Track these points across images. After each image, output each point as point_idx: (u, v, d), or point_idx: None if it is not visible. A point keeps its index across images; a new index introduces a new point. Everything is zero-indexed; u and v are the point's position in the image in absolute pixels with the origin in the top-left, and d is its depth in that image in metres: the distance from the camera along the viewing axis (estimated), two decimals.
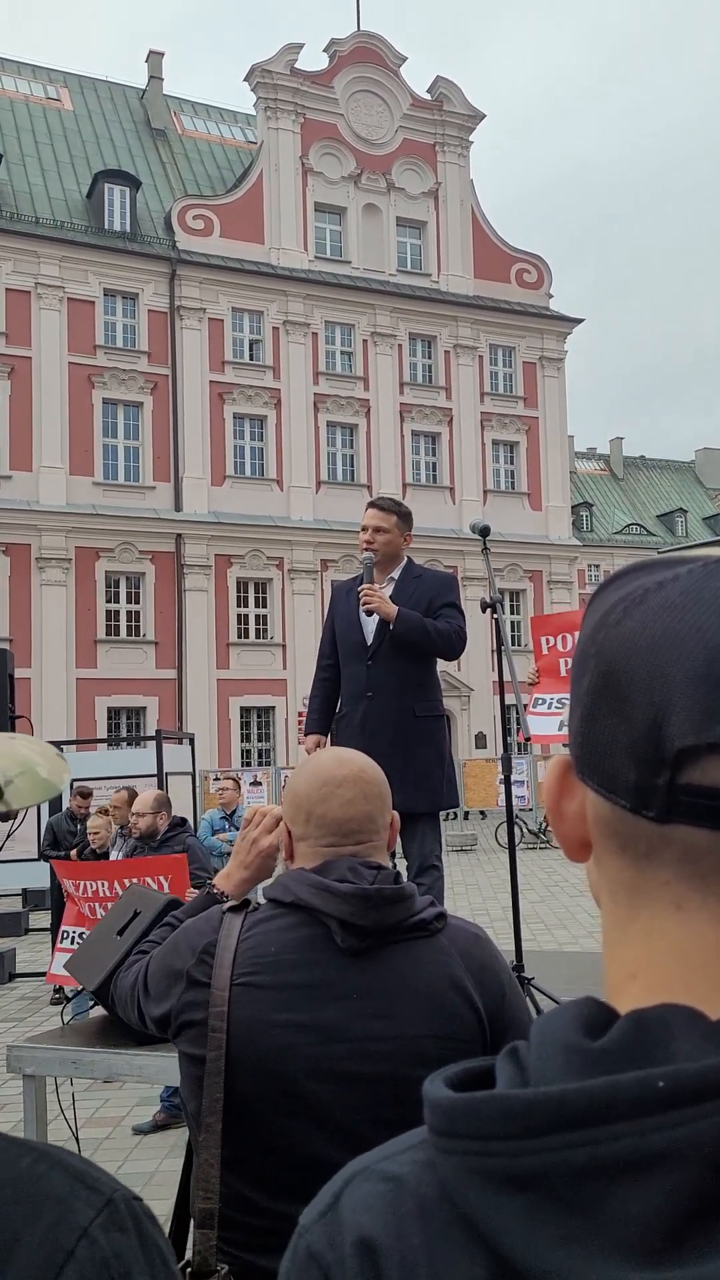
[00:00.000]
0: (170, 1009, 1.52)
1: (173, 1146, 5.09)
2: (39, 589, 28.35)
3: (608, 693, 0.52)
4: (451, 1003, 1.45)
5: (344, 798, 1.53)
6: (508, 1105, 0.48)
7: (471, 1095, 0.50)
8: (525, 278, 36.27)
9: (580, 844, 0.57)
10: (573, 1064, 0.49)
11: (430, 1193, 0.51)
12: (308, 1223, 0.55)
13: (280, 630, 31.16)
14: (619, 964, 0.54)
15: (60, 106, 34.39)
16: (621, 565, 0.58)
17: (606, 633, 0.54)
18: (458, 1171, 0.49)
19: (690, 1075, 0.46)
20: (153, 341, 30.63)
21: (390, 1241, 0.51)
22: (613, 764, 0.52)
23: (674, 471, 59.71)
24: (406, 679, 3.93)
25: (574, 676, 0.57)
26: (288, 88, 33.09)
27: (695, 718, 0.49)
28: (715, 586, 0.51)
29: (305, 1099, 1.39)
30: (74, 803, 9.05)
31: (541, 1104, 0.47)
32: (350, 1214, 0.53)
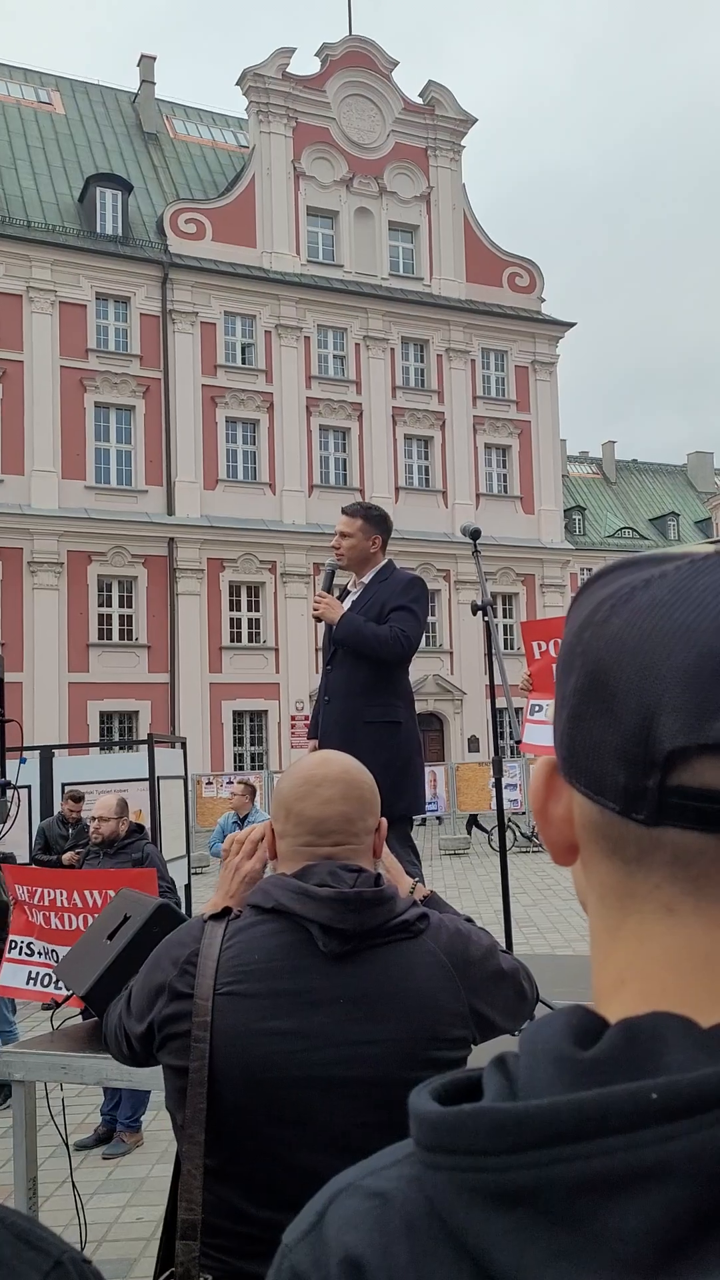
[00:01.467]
0: (153, 1020, 1.50)
1: (163, 1153, 5.07)
2: (31, 593, 28.29)
3: (595, 693, 0.51)
4: (438, 1002, 1.44)
5: (322, 797, 1.54)
6: (496, 1119, 0.46)
7: (459, 1109, 0.48)
8: (517, 282, 36.35)
9: (567, 847, 0.56)
10: (563, 1075, 0.48)
11: (417, 1209, 0.49)
12: (291, 1241, 0.54)
13: (273, 634, 31.14)
14: (608, 970, 0.53)
15: (52, 110, 34.37)
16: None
17: (593, 631, 0.53)
18: (445, 1187, 0.48)
19: (684, 1086, 0.44)
20: (145, 345, 30.62)
21: (377, 1260, 0.49)
22: (601, 766, 0.51)
23: (666, 475, 59.84)
24: (359, 685, 3.89)
25: (559, 676, 0.55)
26: (280, 92, 33.12)
27: (686, 718, 0.48)
28: (703, 583, 0.50)
29: (293, 1106, 1.38)
30: (65, 807, 9.03)
31: (532, 1117, 0.46)
32: (335, 1232, 0.51)
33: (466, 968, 1.49)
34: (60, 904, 4.20)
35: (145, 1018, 1.52)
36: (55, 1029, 3.23)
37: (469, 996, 1.47)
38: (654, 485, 58.26)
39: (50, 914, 4.19)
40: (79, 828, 8.76)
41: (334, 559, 4.01)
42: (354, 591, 4.04)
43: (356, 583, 4.08)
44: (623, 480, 57.34)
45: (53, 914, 4.18)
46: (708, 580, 0.51)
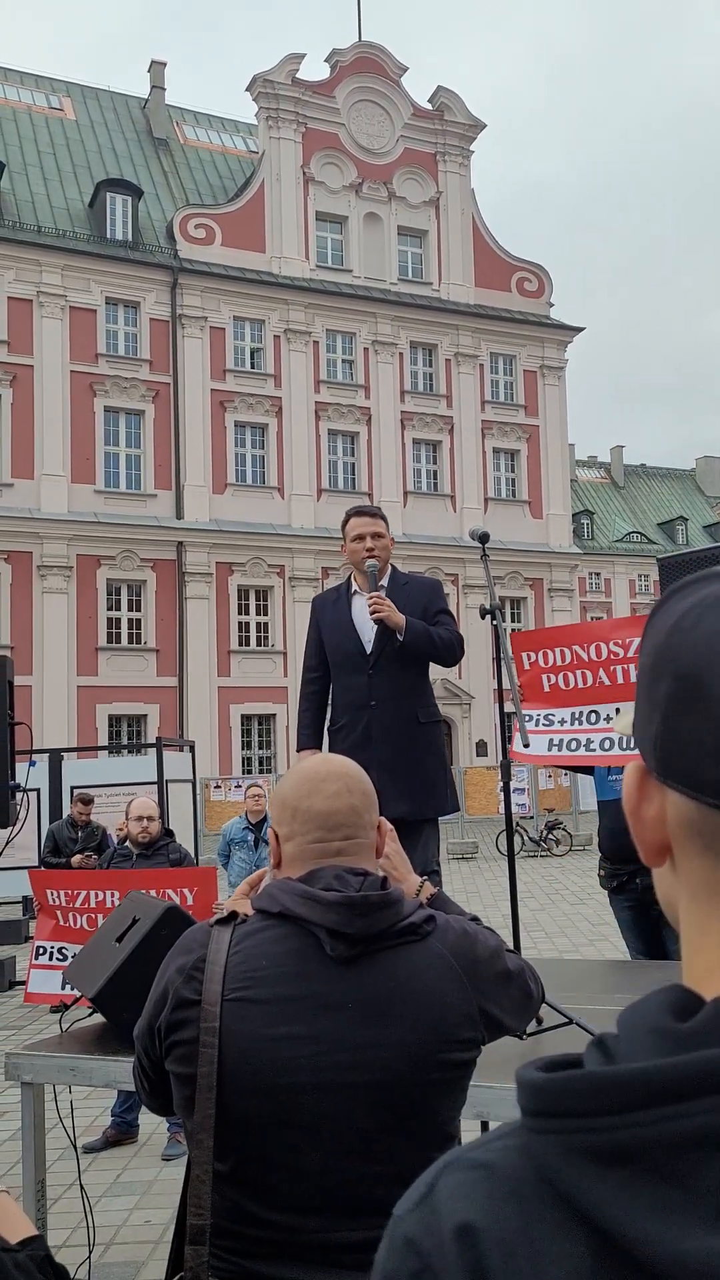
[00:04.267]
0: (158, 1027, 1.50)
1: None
2: (40, 597, 28.37)
3: (689, 695, 0.53)
4: (446, 1004, 1.45)
5: (329, 791, 1.54)
6: (599, 1082, 0.49)
7: (565, 1074, 0.50)
8: (526, 286, 36.35)
9: (660, 848, 0.57)
10: (661, 1045, 0.50)
11: (525, 1175, 0.51)
12: (402, 1212, 0.55)
13: (281, 638, 31.16)
14: (700, 962, 0.54)
15: (63, 116, 34.52)
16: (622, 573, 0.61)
17: (681, 637, 0.55)
18: (552, 1151, 0.50)
19: None
20: (154, 350, 30.70)
21: (489, 1224, 0.51)
22: (698, 763, 0.53)
23: (674, 479, 59.76)
24: (408, 687, 3.93)
25: (646, 683, 0.58)
26: (289, 97, 33.21)
27: None
28: None
29: (303, 1111, 1.38)
30: (75, 809, 9.04)
31: (636, 1079, 0.48)
32: (446, 1201, 0.53)
33: (474, 969, 1.49)
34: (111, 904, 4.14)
35: (153, 1024, 1.52)
36: (64, 1031, 3.24)
37: (477, 997, 1.47)
38: (662, 490, 58.18)
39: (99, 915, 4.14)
40: (88, 830, 8.76)
41: (372, 561, 3.93)
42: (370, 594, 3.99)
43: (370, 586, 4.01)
44: (631, 485, 57.27)
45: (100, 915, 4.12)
46: None
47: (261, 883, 1.75)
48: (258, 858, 8.37)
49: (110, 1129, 5.31)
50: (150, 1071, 1.56)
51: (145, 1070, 1.58)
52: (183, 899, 3.99)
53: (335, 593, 4.15)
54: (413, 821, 3.74)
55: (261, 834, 8.44)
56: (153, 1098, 1.61)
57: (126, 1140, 5.31)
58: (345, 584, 4.12)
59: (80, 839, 8.63)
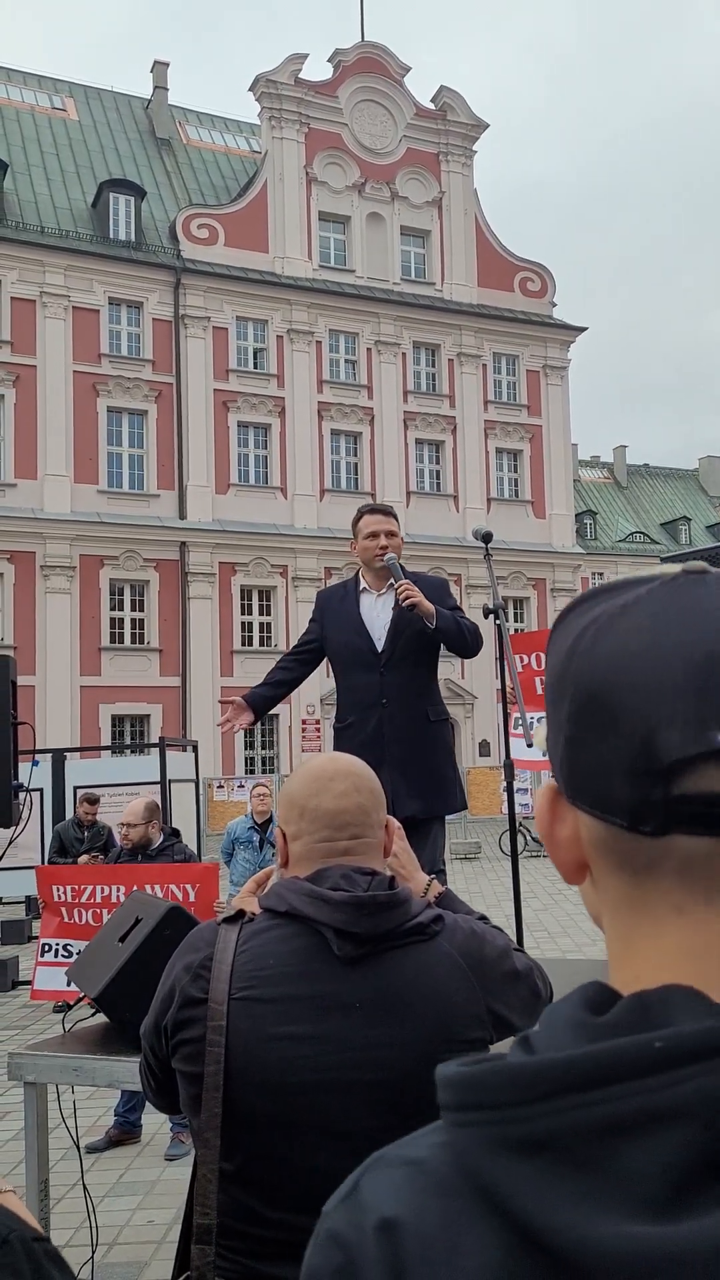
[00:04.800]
0: (165, 1026, 1.50)
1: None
2: (43, 596, 28.38)
3: (592, 716, 0.53)
4: (454, 1004, 1.44)
5: (337, 790, 1.53)
6: (515, 1072, 0.50)
7: (480, 1066, 0.51)
8: (529, 286, 36.32)
9: (577, 867, 0.58)
10: (578, 1037, 0.51)
11: (448, 1170, 0.52)
12: (329, 1209, 0.57)
13: (284, 638, 31.14)
14: (625, 972, 0.55)
15: (66, 116, 34.54)
16: (625, 573, 0.61)
17: (581, 658, 0.55)
18: (473, 1142, 0.50)
19: (688, 1036, 0.47)
20: (157, 350, 30.71)
21: (410, 1218, 0.52)
22: (605, 785, 0.53)
23: (678, 479, 59.71)
24: (419, 685, 3.92)
25: (550, 703, 0.57)
26: (292, 98, 33.21)
27: (686, 729, 0.50)
28: (681, 602, 0.54)
29: (311, 1111, 1.38)
30: (81, 809, 9.03)
31: (549, 1069, 0.49)
32: (370, 1196, 0.54)
33: (482, 969, 1.49)
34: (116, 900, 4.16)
35: (159, 1023, 1.52)
36: (67, 1031, 3.24)
37: (485, 997, 1.47)
38: (665, 490, 58.13)
39: (103, 911, 4.16)
40: (94, 830, 8.76)
41: (391, 554, 3.92)
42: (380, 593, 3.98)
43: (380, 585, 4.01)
44: (634, 485, 57.23)
45: (105, 911, 4.15)
46: (684, 599, 0.54)
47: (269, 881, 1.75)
48: (262, 858, 8.36)
49: (113, 1129, 5.30)
50: (157, 1070, 1.56)
51: (152, 1068, 1.57)
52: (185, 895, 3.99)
53: (342, 589, 4.13)
54: (422, 820, 3.74)
55: (267, 834, 8.40)
56: (159, 1096, 1.60)
57: (129, 1140, 5.30)
58: (353, 581, 4.10)
59: (86, 839, 8.62)
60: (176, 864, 5.27)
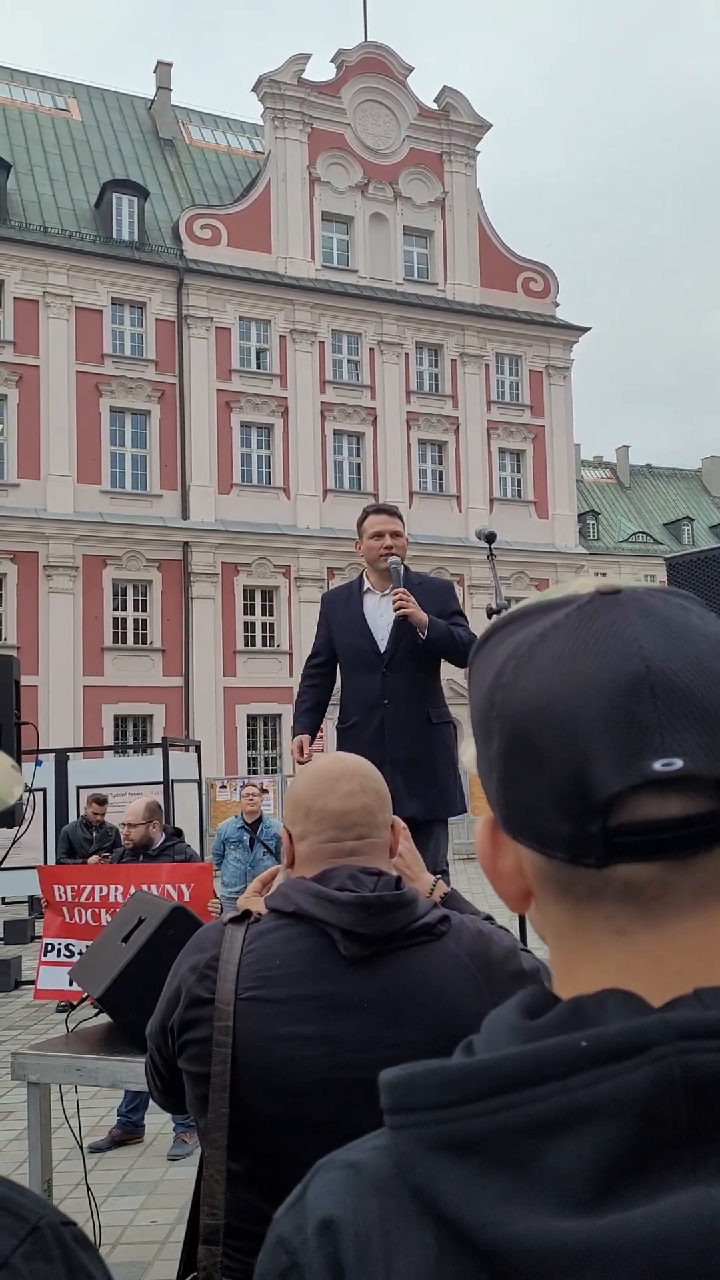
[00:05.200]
0: (171, 1026, 1.49)
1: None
2: (46, 597, 28.40)
3: (520, 754, 0.53)
4: (461, 1005, 1.44)
5: (343, 790, 1.53)
6: (446, 1075, 0.51)
7: (413, 1070, 0.52)
8: (532, 287, 36.31)
9: (522, 896, 0.58)
10: (512, 1039, 0.52)
11: (385, 1172, 0.53)
12: (279, 1215, 0.58)
13: (287, 638, 31.15)
14: (568, 991, 0.55)
15: (69, 116, 34.55)
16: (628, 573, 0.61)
17: (504, 694, 0.55)
18: (407, 1144, 0.52)
19: (611, 1035, 0.48)
20: (160, 350, 30.72)
21: (348, 1219, 0.53)
22: (542, 821, 0.53)
23: (681, 480, 59.65)
24: (422, 686, 3.92)
25: (479, 739, 0.57)
26: (295, 98, 33.21)
27: (615, 764, 0.50)
28: (596, 628, 0.54)
29: (318, 1111, 1.37)
30: (89, 809, 9.02)
31: (477, 1071, 0.50)
32: (314, 1200, 0.56)
33: (489, 969, 1.48)
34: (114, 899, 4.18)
35: (165, 1023, 1.52)
36: (70, 1031, 3.24)
37: (492, 997, 1.46)
38: (668, 490, 58.08)
39: (102, 910, 4.18)
40: (102, 831, 8.75)
41: (394, 558, 3.91)
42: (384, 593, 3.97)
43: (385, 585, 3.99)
44: (637, 485, 57.19)
45: (104, 910, 4.17)
46: (598, 625, 0.54)
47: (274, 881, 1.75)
48: (252, 857, 8.33)
49: (116, 1129, 5.30)
50: (163, 1070, 1.55)
51: (158, 1068, 1.57)
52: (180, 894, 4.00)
53: (346, 590, 4.13)
54: (423, 821, 3.73)
55: (257, 834, 8.39)
56: (165, 1096, 1.60)
57: (132, 1140, 5.30)
58: (357, 582, 4.10)
59: (95, 840, 8.61)
60: (172, 863, 5.26)
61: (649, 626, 0.54)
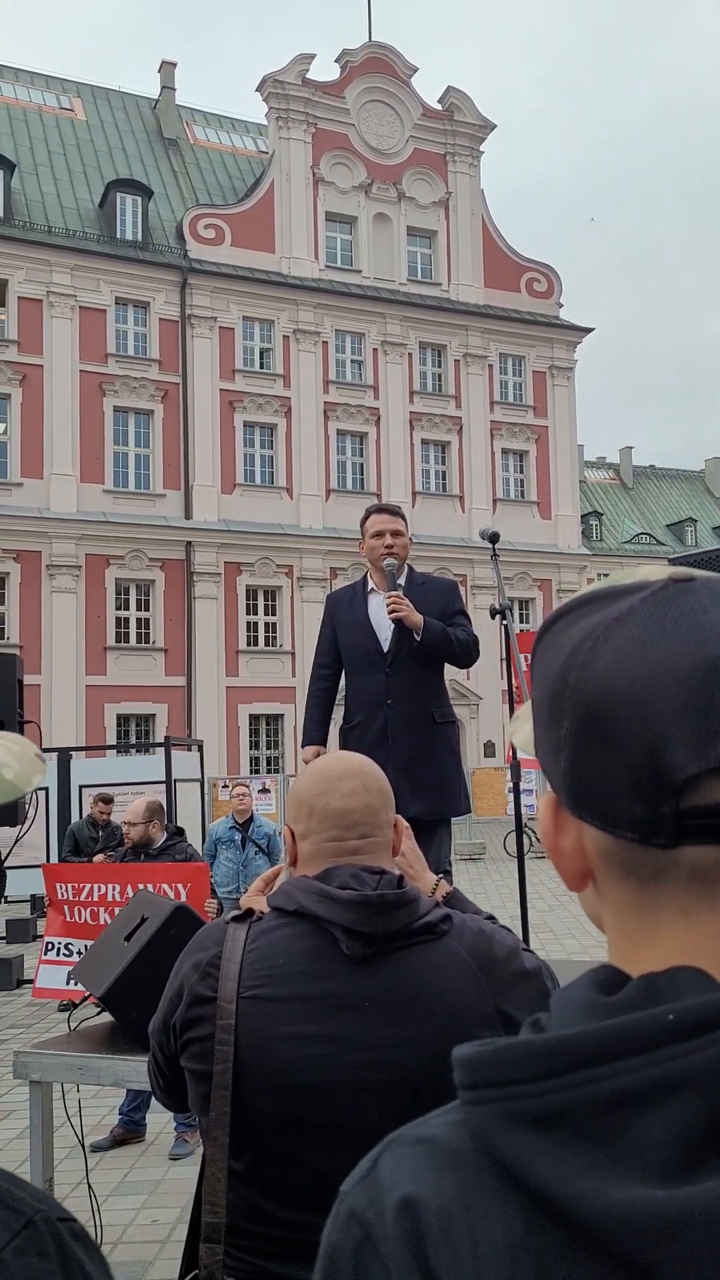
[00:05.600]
0: (174, 1024, 1.49)
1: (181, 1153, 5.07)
2: (49, 596, 28.42)
3: (594, 734, 0.54)
4: (464, 1004, 1.44)
5: (345, 789, 1.53)
6: (529, 1049, 0.51)
7: (495, 1044, 0.53)
8: (535, 287, 36.31)
9: (581, 875, 0.59)
10: (588, 1015, 0.53)
11: (462, 1146, 0.54)
12: (348, 1188, 0.58)
13: (289, 638, 31.17)
14: (630, 968, 0.56)
15: (73, 116, 34.58)
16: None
17: (579, 674, 0.55)
18: (488, 1119, 0.52)
19: (696, 1008, 0.49)
20: (164, 350, 30.74)
21: (428, 1195, 0.53)
22: (613, 802, 0.54)
23: (684, 481, 59.61)
24: (425, 686, 3.92)
25: (548, 718, 0.58)
26: (299, 98, 33.22)
27: (691, 747, 0.52)
28: (672, 614, 0.55)
29: (320, 1110, 1.37)
30: (95, 808, 9.02)
31: (562, 1045, 0.50)
32: (389, 1175, 0.55)
33: (491, 968, 1.48)
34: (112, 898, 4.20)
35: (168, 1021, 1.52)
36: (72, 1030, 3.24)
37: (495, 998, 1.46)
38: (671, 491, 58.04)
39: (100, 909, 4.19)
40: (109, 830, 8.75)
41: (391, 559, 3.91)
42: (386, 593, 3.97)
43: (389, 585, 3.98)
44: (640, 486, 57.15)
45: (102, 909, 4.18)
46: (675, 610, 0.55)
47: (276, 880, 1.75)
48: (244, 857, 8.29)
49: (117, 1128, 5.30)
50: (165, 1068, 1.55)
51: (160, 1067, 1.57)
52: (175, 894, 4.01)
53: (351, 590, 4.13)
54: (427, 821, 3.72)
55: (249, 834, 8.35)
56: (167, 1094, 1.60)
57: (134, 1139, 5.30)
58: (361, 582, 4.10)
59: (101, 839, 8.61)
60: (169, 863, 5.27)
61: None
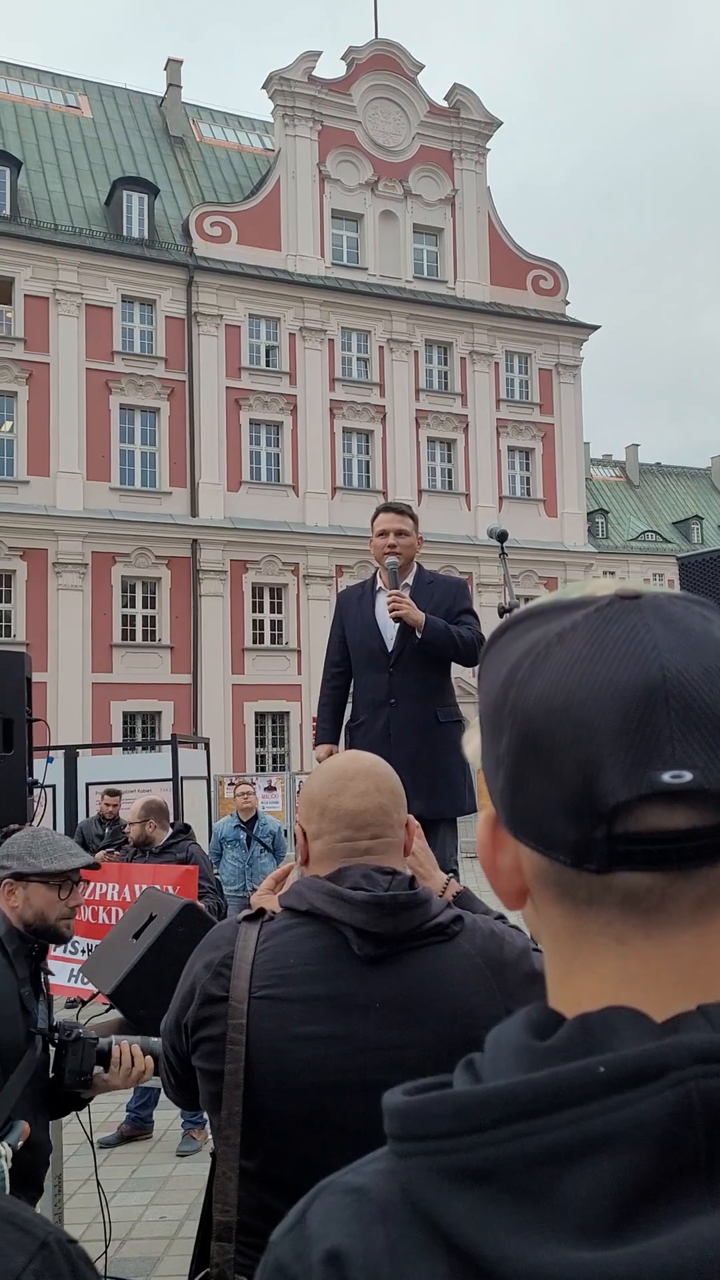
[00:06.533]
0: (186, 1023, 1.50)
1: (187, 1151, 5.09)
2: (55, 594, 28.45)
3: (531, 754, 0.53)
4: (475, 1005, 1.44)
5: (357, 790, 1.53)
6: (458, 1103, 0.49)
7: (424, 1097, 0.51)
8: (541, 284, 36.24)
9: (518, 894, 0.58)
10: (521, 1063, 0.51)
11: (391, 1198, 0.52)
12: (276, 1238, 0.56)
13: (295, 636, 31.17)
14: (566, 995, 0.55)
15: (79, 114, 34.58)
16: (636, 571, 0.60)
17: (518, 692, 0.54)
18: (415, 1173, 0.50)
19: (629, 1060, 0.47)
20: (170, 348, 30.74)
21: (355, 1248, 0.51)
22: (547, 823, 0.53)
23: (690, 478, 59.49)
24: (429, 685, 3.92)
25: (488, 734, 0.57)
26: (305, 95, 33.18)
27: (624, 771, 0.50)
28: (614, 633, 0.53)
29: (331, 1111, 1.38)
30: (103, 803, 9.03)
31: (491, 1099, 0.48)
32: (317, 1226, 0.54)
33: (502, 970, 1.48)
34: (111, 898, 4.20)
35: (180, 1020, 1.52)
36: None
37: (505, 998, 1.47)
38: (678, 488, 57.93)
39: (99, 908, 4.20)
40: (115, 827, 8.76)
41: (393, 558, 3.90)
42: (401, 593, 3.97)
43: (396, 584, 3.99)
44: (646, 483, 57.05)
45: (101, 908, 4.18)
46: (617, 629, 0.53)
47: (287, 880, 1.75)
48: (250, 855, 8.27)
49: (125, 1125, 5.32)
50: (177, 1067, 1.56)
51: (172, 1065, 1.58)
52: None
53: (360, 589, 4.14)
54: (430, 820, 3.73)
55: (253, 831, 8.29)
56: (179, 1092, 1.61)
57: (141, 1136, 5.32)
58: (370, 580, 4.11)
59: (107, 835, 8.61)
60: (160, 864, 5.26)
61: (668, 634, 0.52)
